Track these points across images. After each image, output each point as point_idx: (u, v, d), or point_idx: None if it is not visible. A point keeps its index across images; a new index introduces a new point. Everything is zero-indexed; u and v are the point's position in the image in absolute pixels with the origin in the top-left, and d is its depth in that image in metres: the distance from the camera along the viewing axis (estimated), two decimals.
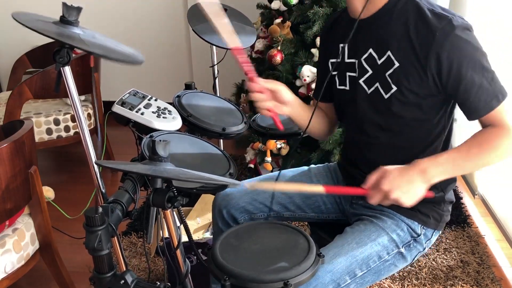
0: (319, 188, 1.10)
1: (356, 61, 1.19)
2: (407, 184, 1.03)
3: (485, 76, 1.05)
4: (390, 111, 1.15)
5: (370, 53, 1.16)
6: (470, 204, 2.44)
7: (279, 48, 2.36)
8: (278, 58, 2.34)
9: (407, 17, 1.10)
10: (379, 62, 1.14)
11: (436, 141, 1.19)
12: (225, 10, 1.83)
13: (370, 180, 1.07)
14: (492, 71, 1.07)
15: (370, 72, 1.16)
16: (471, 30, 1.07)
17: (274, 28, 2.40)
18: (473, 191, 2.53)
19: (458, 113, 1.18)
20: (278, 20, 2.42)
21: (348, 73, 1.22)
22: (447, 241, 2.13)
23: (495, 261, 2.02)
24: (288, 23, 2.38)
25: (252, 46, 2.56)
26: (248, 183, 1.09)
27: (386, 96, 1.14)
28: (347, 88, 1.24)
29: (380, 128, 1.19)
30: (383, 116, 1.17)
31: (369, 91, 1.18)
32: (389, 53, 1.12)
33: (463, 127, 1.98)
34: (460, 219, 2.28)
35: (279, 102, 1.23)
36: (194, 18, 1.77)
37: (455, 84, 1.06)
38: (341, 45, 1.23)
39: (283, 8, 2.40)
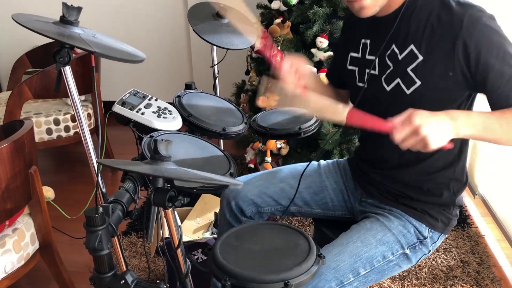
0: (342, 116, 1.01)
1: (377, 59, 1.17)
2: (437, 123, 0.95)
3: None
4: (411, 108, 1.13)
5: (393, 49, 1.14)
6: (470, 204, 2.44)
7: (279, 48, 2.36)
8: (278, 58, 2.34)
9: (431, 9, 1.08)
10: (400, 57, 1.12)
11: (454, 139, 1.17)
12: (225, 10, 1.84)
13: (399, 117, 0.98)
14: None
15: (391, 68, 1.14)
16: (495, 20, 1.04)
17: (274, 28, 2.40)
18: (473, 191, 2.53)
19: None
20: (278, 20, 2.42)
21: (367, 70, 1.21)
22: (447, 241, 2.13)
23: (495, 261, 2.02)
24: (288, 23, 2.38)
25: (252, 46, 2.56)
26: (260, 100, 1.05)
27: (408, 92, 1.12)
28: (365, 86, 1.22)
29: None
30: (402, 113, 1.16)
31: (388, 89, 1.15)
32: (412, 47, 1.09)
33: None
34: (460, 219, 2.26)
35: (300, 75, 1.21)
36: (194, 18, 1.77)
37: (484, 74, 1.03)
38: (363, 40, 1.22)
39: (283, 8, 2.40)
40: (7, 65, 3.40)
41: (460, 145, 1.20)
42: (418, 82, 1.10)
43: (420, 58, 1.09)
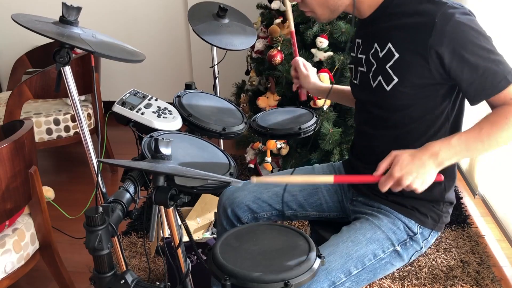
0: (329, 179, 1.07)
1: (364, 57, 1.22)
2: (418, 169, 1.00)
3: (491, 59, 1.02)
4: (392, 103, 1.16)
5: (376, 47, 1.17)
6: (470, 204, 2.44)
7: (279, 48, 2.36)
8: (278, 58, 2.34)
9: (405, 7, 1.11)
10: (381, 55, 1.15)
11: (439, 132, 1.17)
12: (225, 10, 1.84)
13: (381, 167, 1.04)
14: (499, 53, 1.04)
15: (375, 66, 1.18)
16: (471, 15, 1.05)
17: (274, 28, 2.40)
18: (473, 191, 2.54)
19: None
20: (278, 20, 2.42)
21: (359, 68, 1.25)
22: (447, 241, 2.13)
23: (495, 261, 2.02)
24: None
25: (252, 46, 2.56)
26: (255, 178, 1.03)
27: (388, 89, 1.14)
28: (357, 82, 1.27)
29: (384, 121, 1.20)
30: (386, 109, 1.19)
31: (374, 85, 1.19)
32: (389, 45, 1.13)
33: None
34: (460, 219, 2.28)
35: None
36: (194, 18, 1.77)
37: (458, 69, 1.04)
38: (358, 40, 1.27)
39: (283, 8, 2.40)
40: (7, 65, 3.40)
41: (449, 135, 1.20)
42: (396, 79, 1.12)
43: (396, 55, 1.11)
